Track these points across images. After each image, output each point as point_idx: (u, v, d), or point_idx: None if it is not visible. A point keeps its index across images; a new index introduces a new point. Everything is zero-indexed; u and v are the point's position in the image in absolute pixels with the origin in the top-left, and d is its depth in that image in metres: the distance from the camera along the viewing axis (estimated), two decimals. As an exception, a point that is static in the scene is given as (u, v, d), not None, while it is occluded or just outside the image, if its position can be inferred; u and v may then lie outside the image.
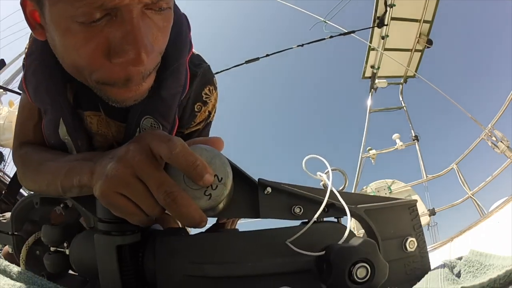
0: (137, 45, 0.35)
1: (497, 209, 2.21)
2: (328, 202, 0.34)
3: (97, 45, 0.36)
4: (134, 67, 0.38)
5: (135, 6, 0.34)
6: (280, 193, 0.36)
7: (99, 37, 0.36)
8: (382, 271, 0.29)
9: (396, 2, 4.53)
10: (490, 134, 3.51)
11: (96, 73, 0.39)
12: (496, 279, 0.23)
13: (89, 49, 0.37)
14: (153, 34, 0.38)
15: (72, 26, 0.35)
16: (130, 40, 0.35)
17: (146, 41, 0.36)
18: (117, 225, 0.33)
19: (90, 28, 0.35)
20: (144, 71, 0.40)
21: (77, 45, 0.37)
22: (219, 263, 0.33)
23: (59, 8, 0.34)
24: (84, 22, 0.34)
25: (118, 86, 0.41)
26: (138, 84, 0.42)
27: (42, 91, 0.50)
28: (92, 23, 0.34)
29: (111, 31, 0.35)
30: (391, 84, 5.53)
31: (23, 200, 0.52)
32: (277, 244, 0.34)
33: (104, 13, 0.34)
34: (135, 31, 0.35)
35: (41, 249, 0.51)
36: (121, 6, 0.33)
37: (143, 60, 0.36)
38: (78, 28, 0.35)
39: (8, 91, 4.55)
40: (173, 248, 0.35)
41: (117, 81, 0.40)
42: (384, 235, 0.36)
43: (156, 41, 0.40)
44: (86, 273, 0.40)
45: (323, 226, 0.35)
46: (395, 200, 0.39)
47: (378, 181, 4.63)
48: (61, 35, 0.37)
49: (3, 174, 4.09)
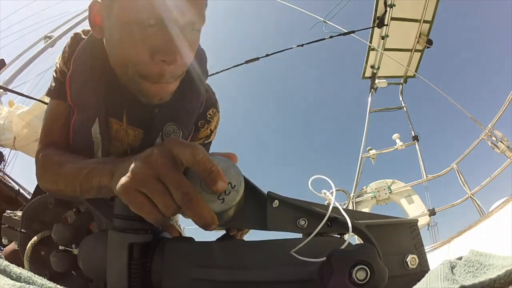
0: (175, 50, 0.48)
1: (497, 209, 2.22)
2: (331, 216, 0.36)
3: (146, 44, 0.48)
4: (168, 66, 0.49)
5: (179, 21, 0.48)
6: (287, 206, 0.38)
7: (149, 39, 0.48)
8: (381, 275, 0.29)
9: (396, 2, 4.54)
10: (490, 134, 3.51)
11: (139, 66, 0.50)
12: (496, 279, 0.23)
13: (140, 46, 0.48)
14: (185, 46, 0.50)
15: (133, 27, 0.47)
16: (170, 45, 0.48)
17: (181, 49, 0.49)
18: (132, 223, 0.35)
19: (144, 30, 0.47)
20: (174, 72, 0.51)
21: (132, 41, 0.48)
22: (225, 268, 0.35)
23: (126, 13, 0.47)
24: (141, 25, 0.47)
25: (152, 80, 0.51)
26: (168, 83, 0.52)
27: (88, 90, 0.59)
28: (147, 27, 0.47)
29: (159, 36, 0.47)
30: (391, 84, 5.54)
31: (38, 199, 0.53)
32: (282, 254, 0.35)
33: (156, 22, 0.47)
34: (175, 39, 0.48)
35: (46, 249, 0.52)
36: (169, 20, 0.47)
37: (176, 61, 0.49)
38: (136, 29, 0.47)
39: (8, 91, 4.55)
40: (181, 251, 0.36)
41: (152, 75, 0.51)
42: (385, 251, 0.36)
43: (186, 52, 0.51)
44: (92, 272, 0.41)
45: (326, 240, 0.37)
46: (396, 218, 0.40)
47: (378, 181, 4.63)
48: (121, 33, 0.49)
49: (3, 174, 4.09)
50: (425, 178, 4.29)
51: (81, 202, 0.49)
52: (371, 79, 5.47)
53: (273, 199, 0.38)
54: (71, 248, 0.45)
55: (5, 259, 0.31)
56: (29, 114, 3.98)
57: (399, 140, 4.94)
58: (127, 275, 0.34)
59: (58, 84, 0.63)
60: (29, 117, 3.99)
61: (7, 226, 0.56)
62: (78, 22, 6.79)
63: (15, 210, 0.59)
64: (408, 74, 5.42)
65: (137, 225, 0.35)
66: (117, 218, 0.35)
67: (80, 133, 0.60)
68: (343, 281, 0.28)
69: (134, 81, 0.53)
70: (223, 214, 0.34)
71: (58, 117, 0.63)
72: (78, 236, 0.44)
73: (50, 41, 6.03)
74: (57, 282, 0.34)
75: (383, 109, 5.60)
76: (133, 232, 0.35)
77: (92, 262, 0.40)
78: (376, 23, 4.75)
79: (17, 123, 4.04)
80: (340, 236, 0.39)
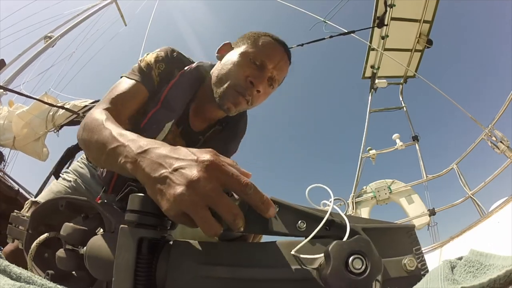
0: (260, 80, 0.77)
1: (497, 209, 2.22)
2: (329, 219, 0.37)
3: (248, 70, 0.77)
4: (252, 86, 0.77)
5: (269, 72, 0.79)
6: (287, 211, 0.39)
7: (251, 69, 0.77)
8: (376, 264, 0.30)
9: (396, 2, 4.54)
10: (490, 134, 3.51)
11: (236, 80, 0.77)
12: (496, 279, 0.23)
13: (243, 70, 0.77)
14: (263, 88, 0.78)
15: (247, 60, 0.78)
16: (260, 77, 0.77)
17: (262, 84, 0.78)
18: (144, 218, 0.36)
19: (251, 64, 0.78)
20: (253, 93, 0.78)
21: (241, 65, 0.77)
22: (229, 266, 0.36)
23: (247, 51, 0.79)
24: (252, 61, 0.78)
25: (237, 91, 0.76)
26: (245, 98, 0.77)
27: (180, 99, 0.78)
28: (253, 64, 0.78)
29: (256, 71, 0.77)
30: (391, 84, 5.53)
31: (49, 200, 0.54)
32: (283, 254, 0.37)
33: (260, 64, 0.78)
34: (263, 77, 0.78)
35: (50, 252, 0.52)
36: (266, 67, 0.78)
37: (258, 85, 0.77)
38: (248, 62, 0.78)
39: (8, 91, 4.55)
40: (186, 249, 0.38)
41: (241, 87, 0.76)
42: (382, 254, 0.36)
43: (261, 92, 0.79)
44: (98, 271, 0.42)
45: (325, 242, 0.37)
46: (392, 223, 0.41)
47: (378, 181, 4.63)
48: (238, 60, 0.78)
49: (3, 174, 4.09)
50: (425, 178, 4.29)
51: (91, 206, 0.49)
52: (371, 79, 5.47)
53: (274, 203, 0.39)
54: (77, 248, 0.46)
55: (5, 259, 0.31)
56: (29, 114, 3.98)
57: (399, 140, 4.94)
58: (133, 268, 0.34)
59: (141, 71, 0.77)
60: (28, 117, 3.99)
61: (13, 225, 0.57)
62: (78, 22, 6.79)
63: (14, 210, 0.59)
64: (408, 74, 5.42)
65: (148, 220, 0.36)
66: (130, 213, 0.36)
67: (156, 122, 0.74)
68: (340, 270, 0.30)
69: (226, 90, 0.77)
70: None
71: (133, 94, 0.74)
72: (86, 238, 0.44)
73: (50, 41, 6.04)
74: (58, 282, 0.35)
75: (383, 109, 5.60)
76: (144, 227, 0.36)
77: (99, 261, 0.40)
78: (376, 23, 4.75)
79: (17, 123, 4.03)
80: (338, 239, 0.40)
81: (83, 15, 7.03)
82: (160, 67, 0.79)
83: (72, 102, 3.74)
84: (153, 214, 0.36)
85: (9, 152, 4.64)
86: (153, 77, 0.78)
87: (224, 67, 0.79)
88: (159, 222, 0.37)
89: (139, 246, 0.35)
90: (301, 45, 4.21)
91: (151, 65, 0.78)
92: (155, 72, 0.78)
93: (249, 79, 0.75)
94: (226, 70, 0.78)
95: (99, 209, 0.47)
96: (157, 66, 0.78)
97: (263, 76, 0.77)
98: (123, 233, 0.35)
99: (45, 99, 3.76)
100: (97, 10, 7.30)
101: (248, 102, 0.78)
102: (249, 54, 0.77)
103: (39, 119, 3.93)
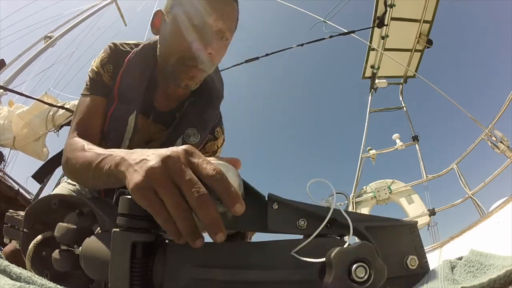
0: (207, 42, 0.67)
1: (497, 209, 2.21)
2: (330, 217, 0.36)
3: (189, 36, 0.66)
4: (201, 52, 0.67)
5: (214, 26, 0.67)
6: (287, 208, 0.38)
7: (192, 33, 0.66)
8: (380, 272, 0.29)
9: (396, 2, 4.54)
10: (490, 134, 3.51)
11: (182, 52, 0.68)
12: (496, 279, 0.23)
13: (184, 37, 0.67)
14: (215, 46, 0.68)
15: (183, 24, 0.67)
16: (205, 38, 0.67)
17: (212, 43, 0.67)
18: (136, 222, 0.35)
19: (190, 27, 0.66)
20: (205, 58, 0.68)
21: (180, 33, 0.67)
22: (226, 268, 0.35)
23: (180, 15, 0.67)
24: (189, 23, 0.66)
25: (188, 64, 0.68)
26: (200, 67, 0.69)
27: (135, 87, 0.73)
28: (192, 26, 0.66)
29: (199, 32, 0.66)
30: (391, 84, 5.53)
31: (42, 199, 0.53)
32: (282, 254, 0.35)
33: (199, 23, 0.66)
34: (209, 36, 0.67)
35: (48, 250, 0.52)
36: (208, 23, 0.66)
37: (207, 48, 0.66)
38: (185, 26, 0.66)
39: (8, 91, 4.55)
40: (182, 251, 0.37)
41: (190, 59, 0.68)
42: (384, 252, 0.36)
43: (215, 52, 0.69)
44: (94, 272, 0.41)
45: (326, 241, 0.36)
46: (395, 220, 0.40)
47: (378, 181, 4.63)
48: (174, 28, 0.68)
49: (3, 174, 4.09)
50: (425, 178, 4.29)
51: (84, 203, 0.49)
52: (371, 79, 5.47)
53: (273, 201, 0.38)
54: (73, 248, 0.46)
55: (5, 259, 0.31)
56: (29, 114, 3.98)
57: (399, 140, 4.93)
58: (129, 274, 0.34)
59: (92, 82, 0.75)
60: (28, 117, 3.99)
61: (9, 225, 0.56)
62: (78, 22, 6.79)
63: (15, 210, 0.59)
64: (408, 74, 5.42)
65: (140, 224, 0.35)
66: (121, 217, 0.35)
67: (117, 120, 0.72)
68: (343, 279, 0.28)
69: (175, 66, 0.69)
70: (222, 216, 0.34)
71: (91, 110, 0.73)
72: (81, 237, 0.44)
73: (50, 41, 6.03)
74: (57, 282, 0.34)
75: (383, 109, 5.60)
76: (137, 231, 0.35)
77: (94, 261, 0.40)
78: (376, 23, 4.75)
79: (17, 123, 4.03)
80: (340, 237, 0.39)
81: (83, 15, 7.03)
82: (108, 69, 0.75)
83: (72, 102, 3.73)
84: (145, 217, 0.34)
85: (9, 152, 4.65)
86: (106, 82, 0.75)
87: (163, 42, 0.72)
88: (152, 225, 0.35)
89: (132, 250, 0.34)
90: (301, 45, 4.22)
91: (99, 72, 0.75)
92: (105, 77, 0.75)
93: (194, 46, 0.67)
94: (166, 45, 0.71)
95: (92, 207, 0.47)
96: (106, 70, 0.75)
97: (208, 36, 0.67)
98: (115, 238, 0.35)
99: (45, 99, 3.76)
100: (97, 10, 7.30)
101: (205, 69, 0.71)
102: (184, 18, 0.67)
103: (39, 119, 3.93)
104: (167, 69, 0.72)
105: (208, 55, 0.68)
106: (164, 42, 0.72)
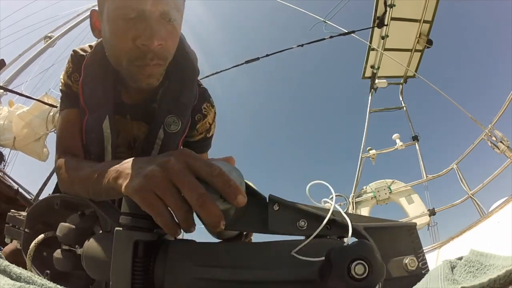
0: (152, 33, 0.57)
1: (497, 209, 2.22)
2: (330, 218, 0.36)
3: (130, 34, 0.58)
4: (148, 47, 0.58)
5: (154, 12, 0.57)
6: (288, 209, 0.38)
7: (132, 28, 0.57)
8: (379, 270, 0.30)
9: (396, 2, 4.54)
10: (490, 134, 3.51)
11: (128, 53, 0.60)
12: (496, 279, 0.23)
13: (125, 36, 0.58)
14: (162, 31, 0.59)
15: (118, 21, 0.58)
16: (148, 30, 0.57)
17: (158, 33, 0.58)
18: (139, 221, 0.36)
19: (127, 23, 0.57)
20: (156, 53, 0.60)
21: (119, 33, 0.58)
22: (227, 267, 0.35)
23: (112, 11, 0.58)
24: (125, 18, 0.57)
25: (139, 63, 0.60)
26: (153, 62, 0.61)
27: (98, 92, 0.69)
28: (129, 20, 0.57)
29: (138, 26, 0.57)
30: (391, 84, 5.54)
31: (44, 199, 0.54)
32: (282, 254, 0.36)
33: (136, 14, 0.57)
34: (152, 25, 0.57)
35: (48, 250, 0.52)
36: (146, 10, 0.57)
37: (153, 41, 0.57)
38: (121, 22, 0.58)
39: (8, 91, 4.55)
40: (183, 251, 0.37)
41: (138, 58, 0.60)
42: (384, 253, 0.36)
43: (166, 40, 0.60)
44: (95, 272, 0.41)
45: (326, 241, 0.37)
46: (394, 221, 0.40)
47: (378, 181, 4.63)
48: (111, 28, 0.60)
49: (3, 174, 4.09)
50: (425, 178, 4.29)
51: (86, 204, 0.49)
52: (371, 79, 5.47)
53: (274, 202, 0.38)
54: (74, 248, 0.46)
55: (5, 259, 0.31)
56: (29, 114, 3.98)
57: (399, 140, 4.94)
58: (130, 272, 0.34)
59: (65, 96, 0.73)
60: (28, 117, 3.99)
61: (10, 225, 0.56)
62: (78, 22, 6.80)
63: (14, 210, 0.59)
64: (408, 74, 5.43)
65: (143, 223, 0.36)
66: (124, 216, 0.36)
67: (92, 130, 0.68)
68: (342, 276, 0.29)
69: (127, 69, 0.62)
70: (224, 214, 0.34)
71: (69, 124, 0.71)
72: (82, 237, 0.44)
73: (50, 41, 6.04)
74: (58, 282, 0.34)
75: (383, 109, 5.60)
76: (139, 230, 0.35)
77: (96, 261, 0.40)
78: (376, 23, 4.75)
79: (17, 123, 4.04)
80: (339, 238, 0.39)
81: (83, 15, 7.03)
82: (75, 78, 0.72)
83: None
84: (147, 217, 0.35)
85: (9, 152, 4.65)
86: (77, 93, 0.71)
87: (106, 45, 0.65)
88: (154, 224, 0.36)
89: (135, 249, 0.35)
90: (301, 46, 4.22)
91: (67, 83, 0.73)
92: (75, 87, 0.72)
93: (139, 43, 0.58)
94: (110, 48, 0.64)
95: (95, 208, 0.47)
96: (73, 79, 0.72)
97: (151, 26, 0.57)
98: (118, 237, 0.35)
99: (45, 100, 3.76)
100: (97, 10, 7.29)
101: (159, 63, 0.63)
102: (117, 14, 0.58)
103: (39, 119, 3.94)
104: (121, 72, 0.66)
105: (158, 47, 0.59)
106: (107, 45, 0.65)
